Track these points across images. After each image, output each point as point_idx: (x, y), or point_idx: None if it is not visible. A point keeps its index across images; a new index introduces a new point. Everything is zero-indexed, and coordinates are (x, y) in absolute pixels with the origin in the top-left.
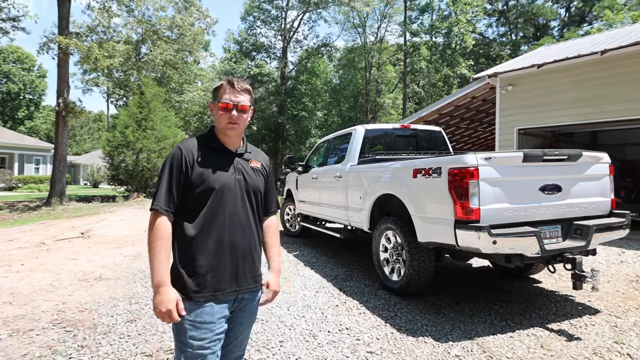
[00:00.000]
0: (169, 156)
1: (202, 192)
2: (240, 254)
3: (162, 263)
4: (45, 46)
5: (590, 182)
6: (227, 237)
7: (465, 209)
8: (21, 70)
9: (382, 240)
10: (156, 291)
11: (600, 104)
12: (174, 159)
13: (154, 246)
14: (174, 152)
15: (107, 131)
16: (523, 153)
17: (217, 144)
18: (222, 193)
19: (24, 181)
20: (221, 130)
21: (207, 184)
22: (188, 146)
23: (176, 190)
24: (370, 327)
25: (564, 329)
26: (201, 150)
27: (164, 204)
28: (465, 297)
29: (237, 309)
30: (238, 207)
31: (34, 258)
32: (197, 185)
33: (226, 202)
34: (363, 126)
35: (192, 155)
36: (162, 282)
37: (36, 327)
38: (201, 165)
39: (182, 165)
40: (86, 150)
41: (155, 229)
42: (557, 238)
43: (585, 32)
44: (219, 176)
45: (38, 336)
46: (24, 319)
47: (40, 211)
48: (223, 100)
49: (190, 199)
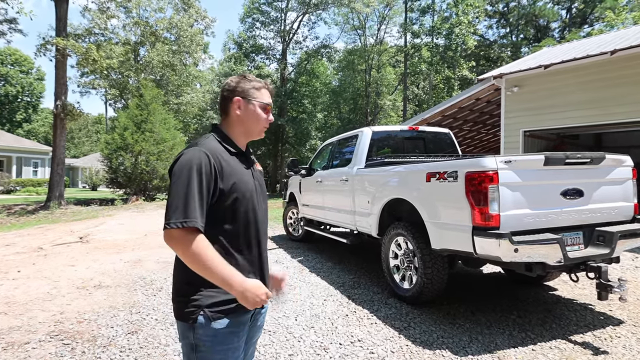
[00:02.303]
0: (192, 161)
1: (233, 201)
2: (264, 263)
3: (227, 267)
4: (42, 48)
5: (613, 186)
6: (255, 247)
7: (484, 215)
8: (19, 72)
9: (392, 246)
10: (241, 293)
11: (606, 106)
12: (202, 165)
13: (204, 260)
14: (199, 156)
15: (105, 134)
16: (544, 156)
17: (235, 147)
18: (251, 203)
19: (22, 184)
20: (256, 132)
21: (238, 192)
22: (212, 150)
23: (207, 203)
24: (384, 338)
25: (588, 341)
26: (224, 154)
27: (201, 219)
28: (479, 305)
29: (252, 325)
30: (260, 215)
31: (31, 264)
32: (229, 195)
33: (253, 211)
34: (370, 128)
35: (219, 160)
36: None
37: (32, 339)
38: (229, 172)
39: (211, 172)
40: (85, 153)
41: (191, 249)
42: (578, 245)
43: (586, 34)
44: (246, 183)
45: (34, 350)
46: (20, 331)
47: (38, 215)
48: (267, 102)
49: (219, 210)
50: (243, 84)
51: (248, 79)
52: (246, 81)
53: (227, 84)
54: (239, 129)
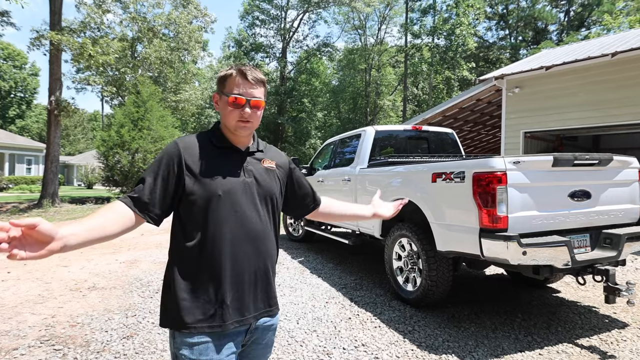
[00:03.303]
0: (162, 151)
1: (201, 200)
2: (252, 274)
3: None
4: (36, 41)
5: (620, 188)
6: (235, 254)
7: (492, 217)
8: (12, 67)
9: (395, 247)
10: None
11: (607, 108)
12: (167, 155)
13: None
14: (169, 148)
15: (102, 130)
16: (553, 157)
17: (223, 141)
18: (228, 201)
19: (15, 182)
20: (231, 129)
21: (208, 190)
22: (187, 143)
23: (161, 191)
24: (388, 343)
25: (594, 345)
26: (203, 149)
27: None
28: (483, 308)
29: (250, 341)
30: (249, 216)
31: (22, 265)
32: (194, 192)
33: (233, 211)
34: (373, 127)
35: (191, 154)
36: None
37: (21, 345)
38: (201, 167)
39: (175, 164)
40: (80, 151)
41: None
42: (585, 247)
43: (584, 37)
44: (224, 180)
45: (23, 356)
46: (8, 336)
47: (30, 213)
48: (233, 94)
49: (187, 210)
50: (219, 76)
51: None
52: (222, 72)
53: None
54: (225, 124)
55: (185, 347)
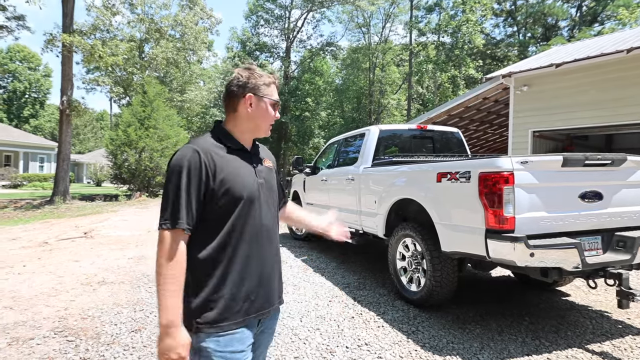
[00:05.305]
0: (181, 160)
1: (228, 203)
2: (270, 268)
3: (174, 297)
4: (49, 44)
5: (634, 190)
6: (256, 251)
7: (499, 218)
8: (27, 69)
9: (399, 247)
10: (165, 332)
11: (620, 106)
12: (191, 164)
13: (167, 274)
14: (189, 155)
15: (110, 130)
16: (563, 157)
17: (235, 143)
18: (250, 201)
19: (29, 179)
20: (263, 130)
21: (233, 193)
22: (205, 148)
23: (196, 204)
24: (392, 342)
25: (606, 351)
26: (219, 152)
27: (186, 220)
28: (489, 309)
29: (259, 331)
30: (264, 215)
31: (37, 259)
32: (221, 196)
33: (253, 211)
34: (377, 126)
35: (212, 159)
36: (173, 322)
37: (37, 335)
38: (224, 171)
39: (201, 172)
40: (90, 149)
41: (171, 252)
42: (597, 250)
43: (597, 33)
44: (245, 182)
45: (38, 346)
46: (25, 326)
47: (43, 209)
48: (276, 99)
49: (211, 213)
50: (254, 79)
51: (258, 73)
52: (256, 75)
53: (236, 78)
54: (247, 125)
55: (210, 341)
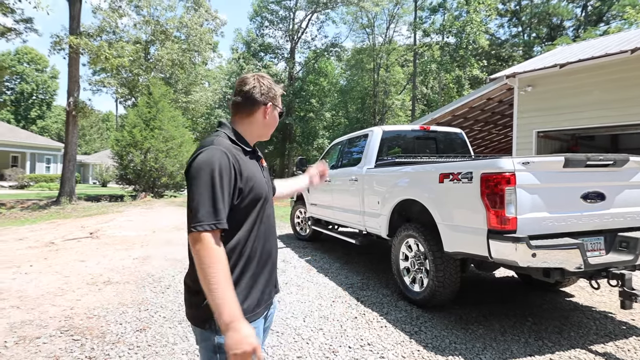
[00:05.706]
0: (211, 160)
1: (253, 202)
2: (275, 261)
3: (229, 291)
4: (56, 46)
5: (636, 190)
6: (268, 244)
7: (500, 218)
8: (34, 71)
9: (402, 248)
10: (229, 329)
11: (625, 106)
12: (222, 164)
13: (219, 275)
14: (218, 155)
15: (115, 131)
16: (564, 158)
17: (247, 145)
18: (265, 200)
19: (36, 180)
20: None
21: (257, 192)
22: (230, 150)
23: (229, 203)
24: (394, 343)
25: (610, 352)
26: (239, 154)
27: (225, 220)
28: (492, 310)
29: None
30: (272, 212)
31: (43, 259)
32: (246, 195)
33: (267, 209)
34: (381, 127)
35: (237, 160)
36: (235, 316)
37: (43, 334)
38: (246, 172)
39: (231, 172)
40: (95, 150)
41: (217, 253)
42: (599, 251)
43: (603, 32)
44: (262, 182)
45: (45, 345)
46: (31, 325)
47: (50, 210)
48: (282, 108)
49: (236, 210)
50: (274, 90)
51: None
52: (275, 86)
53: (259, 86)
54: (259, 131)
55: None
